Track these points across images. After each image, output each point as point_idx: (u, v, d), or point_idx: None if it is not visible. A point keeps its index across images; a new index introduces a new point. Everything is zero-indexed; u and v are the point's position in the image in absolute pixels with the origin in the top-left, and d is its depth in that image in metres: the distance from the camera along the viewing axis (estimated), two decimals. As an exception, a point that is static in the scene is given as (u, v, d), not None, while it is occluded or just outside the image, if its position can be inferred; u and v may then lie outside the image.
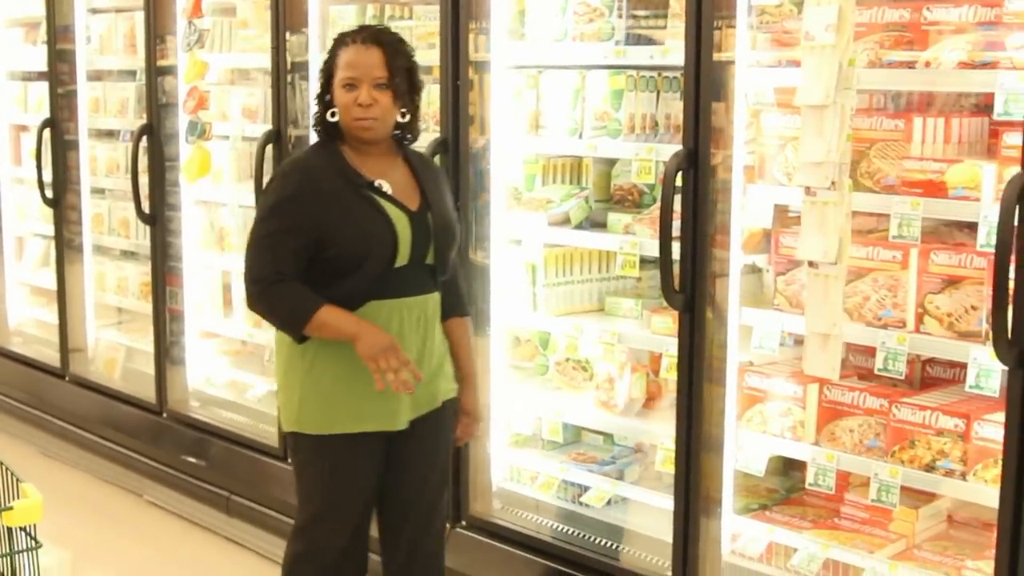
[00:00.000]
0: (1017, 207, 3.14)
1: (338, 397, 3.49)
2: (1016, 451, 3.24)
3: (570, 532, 4.39)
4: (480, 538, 4.57)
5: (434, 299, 3.59)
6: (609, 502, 4.39)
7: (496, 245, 4.52)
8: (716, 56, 3.74)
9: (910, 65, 3.56)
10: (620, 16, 4.24)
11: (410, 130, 3.60)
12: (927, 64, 3.53)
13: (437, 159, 4.43)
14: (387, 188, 3.48)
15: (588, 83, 4.35)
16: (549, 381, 4.68)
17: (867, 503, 3.79)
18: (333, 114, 3.48)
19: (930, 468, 3.60)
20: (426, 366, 3.54)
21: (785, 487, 4.24)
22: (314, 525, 3.63)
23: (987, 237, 3.28)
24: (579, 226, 4.47)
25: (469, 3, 4.39)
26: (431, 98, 4.46)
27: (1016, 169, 3.18)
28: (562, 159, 4.68)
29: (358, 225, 3.40)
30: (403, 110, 3.50)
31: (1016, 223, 3.15)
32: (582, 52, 4.33)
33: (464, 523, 4.62)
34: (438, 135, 4.51)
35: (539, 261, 4.50)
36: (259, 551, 5.35)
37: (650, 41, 4.17)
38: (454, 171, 4.43)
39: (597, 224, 4.50)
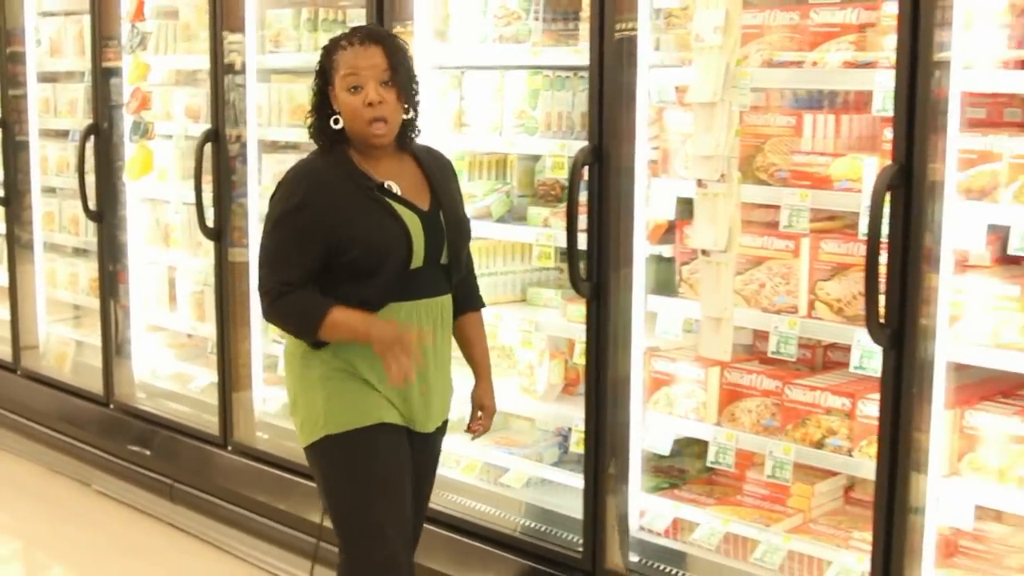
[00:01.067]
0: (889, 197, 3.34)
1: (364, 388, 3.40)
2: (890, 426, 3.45)
3: (492, 512, 4.57)
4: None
5: (448, 301, 3.52)
6: (528, 483, 4.58)
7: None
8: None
9: (799, 64, 3.77)
10: (537, 19, 4.45)
11: (412, 126, 3.51)
12: (814, 64, 3.74)
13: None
14: (397, 189, 3.40)
15: (508, 83, 4.55)
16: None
17: (766, 480, 3.99)
18: (336, 121, 3.39)
19: (820, 445, 3.81)
20: (437, 371, 3.51)
21: (696, 468, 4.44)
22: (360, 536, 3.44)
23: (868, 226, 3.47)
24: (501, 220, 4.67)
25: (393, 6, 4.57)
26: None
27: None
28: (488, 156, 4.88)
29: (372, 230, 3.31)
30: (406, 106, 3.42)
31: (889, 213, 3.35)
32: (502, 53, 4.54)
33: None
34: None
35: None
36: (202, 537, 5.53)
37: (565, 43, 4.37)
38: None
39: (519, 218, 4.70)
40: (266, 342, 5.53)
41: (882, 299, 3.39)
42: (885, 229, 3.36)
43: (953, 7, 3.30)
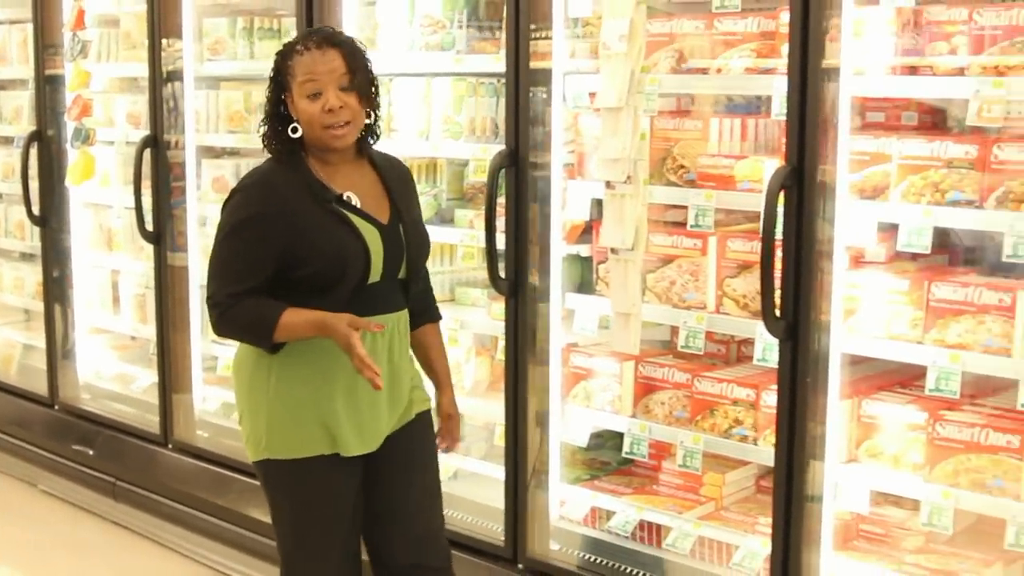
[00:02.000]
0: (783, 197, 3.51)
1: (309, 416, 3.29)
2: (787, 416, 3.63)
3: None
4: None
5: (404, 316, 3.44)
6: (456, 475, 4.73)
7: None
8: (534, 64, 4.10)
9: (704, 71, 3.94)
10: (460, 27, 4.60)
11: (372, 131, 3.43)
12: (719, 70, 3.92)
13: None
14: (356, 201, 3.31)
15: (434, 89, 4.71)
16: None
17: (680, 470, 4.16)
18: (295, 129, 3.28)
19: (727, 435, 3.98)
20: (398, 386, 3.43)
21: (618, 459, 4.59)
22: (300, 559, 3.43)
23: (762, 224, 3.64)
24: (429, 222, 4.77)
25: (323, 15, 4.72)
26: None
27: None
28: (418, 160, 5.02)
29: (329, 244, 3.21)
30: (367, 110, 3.34)
31: (783, 212, 3.53)
32: (427, 60, 4.68)
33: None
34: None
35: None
36: (143, 533, 5.66)
37: (487, 50, 4.52)
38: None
39: (448, 220, 4.85)
40: (206, 343, 5.67)
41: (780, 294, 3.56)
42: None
43: (842, 16, 3.48)
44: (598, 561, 4.19)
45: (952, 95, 3.58)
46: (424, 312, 3.60)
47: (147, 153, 5.52)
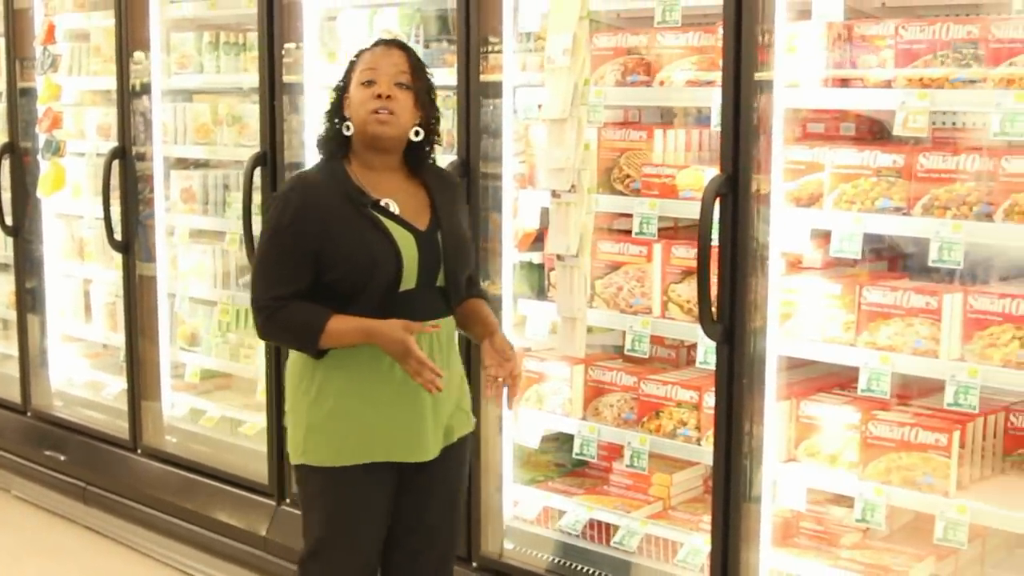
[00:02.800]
0: (718, 205, 3.65)
1: (347, 425, 3.33)
2: (725, 415, 3.76)
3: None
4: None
5: (448, 324, 3.42)
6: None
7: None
8: (485, 77, 4.23)
9: (648, 84, 4.07)
10: (418, 41, 4.72)
11: (424, 149, 3.44)
12: (661, 83, 4.05)
13: (257, 173, 4.90)
14: (395, 208, 3.32)
15: (392, 101, 4.82)
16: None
17: (630, 471, 4.28)
18: (348, 127, 3.34)
19: (673, 436, 4.10)
20: (443, 397, 3.38)
21: (572, 462, 4.72)
22: (323, 557, 3.45)
23: (698, 231, 3.76)
24: (388, 230, 4.93)
25: (283, 28, 4.85)
26: (242, 114, 4.95)
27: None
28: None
29: (358, 247, 3.23)
30: (417, 128, 3.36)
31: (719, 219, 3.66)
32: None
33: (290, 501, 5.07)
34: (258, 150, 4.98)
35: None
36: (113, 537, 5.76)
37: (443, 64, 4.65)
38: (271, 182, 4.89)
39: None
40: (174, 350, 5.80)
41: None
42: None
43: (774, 31, 3.62)
44: (549, 559, 4.31)
45: (880, 107, 3.71)
46: (471, 295, 3.55)
47: (116, 165, 5.61)
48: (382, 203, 3.31)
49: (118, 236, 5.68)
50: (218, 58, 5.49)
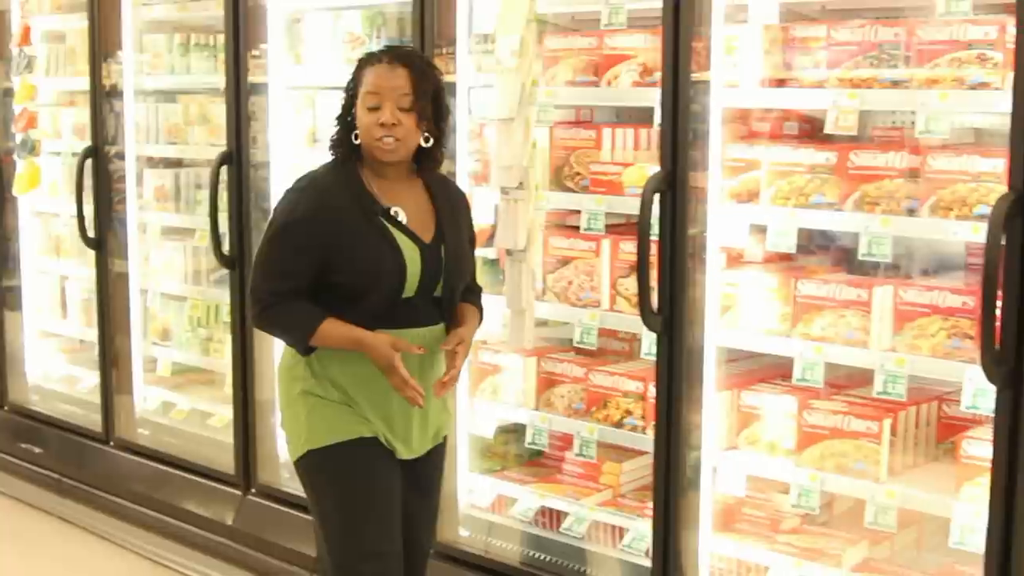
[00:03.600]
0: (658, 200, 3.78)
1: (346, 408, 3.37)
2: (665, 404, 3.89)
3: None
4: (270, 504, 5.14)
5: (439, 331, 3.43)
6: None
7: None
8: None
9: (596, 84, 4.21)
10: (379, 42, 4.86)
11: (432, 156, 3.45)
12: (608, 83, 4.18)
13: (224, 171, 5.03)
14: (402, 217, 3.35)
15: (355, 102, 4.96)
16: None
17: (581, 460, 4.41)
18: (357, 136, 3.35)
19: (620, 425, 4.24)
20: (429, 400, 3.41)
21: (530, 452, 4.85)
22: (354, 558, 3.39)
23: (638, 225, 3.89)
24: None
25: (248, 31, 4.98)
26: (213, 114, 5.09)
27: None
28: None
29: (367, 254, 3.27)
30: (426, 134, 3.37)
31: (659, 214, 3.80)
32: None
33: (254, 491, 5.20)
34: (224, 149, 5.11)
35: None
36: (86, 527, 5.88)
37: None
38: (237, 181, 5.03)
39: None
40: (146, 345, 5.94)
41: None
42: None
43: (712, 34, 3.75)
44: (502, 546, 4.44)
45: (813, 106, 3.84)
46: (465, 300, 3.56)
47: (89, 164, 5.74)
48: (392, 211, 3.33)
49: (91, 233, 5.80)
50: (188, 59, 5.62)
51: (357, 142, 3.35)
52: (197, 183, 5.73)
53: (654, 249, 3.84)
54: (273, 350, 5.17)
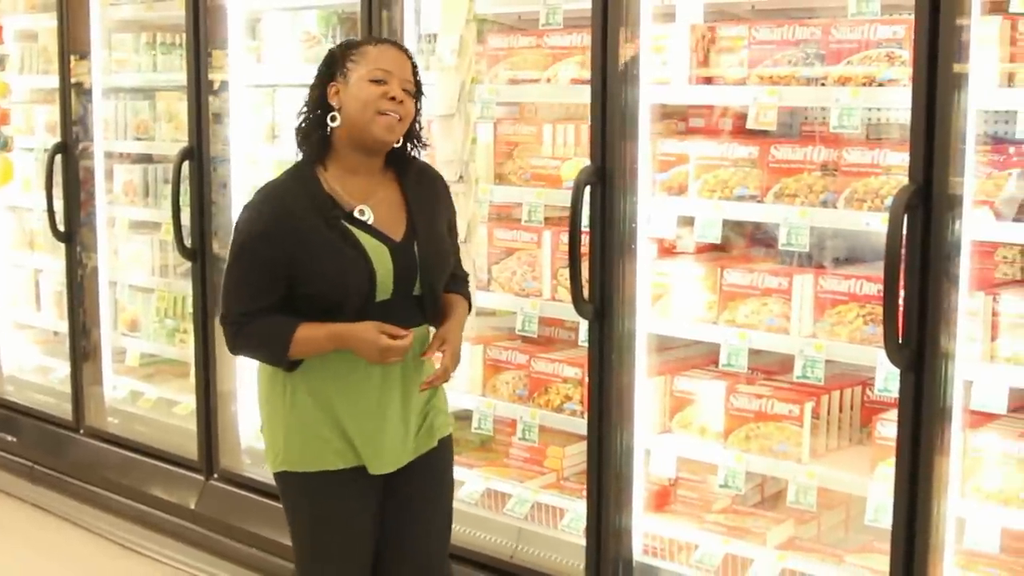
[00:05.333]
0: (588, 192, 3.94)
1: (324, 431, 3.24)
2: (597, 390, 4.05)
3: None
4: (232, 489, 5.31)
5: (423, 333, 3.34)
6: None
7: (238, 238, 5.28)
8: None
9: (536, 81, 4.37)
10: (334, 41, 5.02)
11: (403, 151, 3.35)
12: (548, 80, 4.34)
13: (186, 166, 5.20)
14: (368, 216, 3.22)
15: (312, 99, 5.12)
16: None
17: (526, 444, 4.57)
18: (333, 118, 3.19)
19: (560, 410, 4.40)
20: (415, 406, 3.35)
21: (481, 438, 5.00)
22: (320, 568, 3.37)
23: (569, 217, 4.05)
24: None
25: (208, 27, 5.14)
26: (179, 111, 5.26)
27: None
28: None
29: (330, 263, 3.14)
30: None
31: (590, 206, 3.96)
32: (307, 72, 5.08)
33: (217, 476, 5.36)
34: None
35: (277, 251, 5.27)
36: (57, 513, 6.04)
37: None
38: (198, 176, 5.19)
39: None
40: (116, 336, 6.11)
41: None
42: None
43: (640, 34, 3.91)
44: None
45: (736, 102, 4.01)
46: (449, 291, 3.46)
47: (59, 159, 5.91)
48: (356, 212, 3.20)
49: (61, 227, 5.96)
50: (155, 57, 5.78)
51: (334, 124, 3.18)
52: (165, 178, 5.88)
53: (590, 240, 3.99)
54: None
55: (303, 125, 3.28)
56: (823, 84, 3.71)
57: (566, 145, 4.48)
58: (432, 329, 3.38)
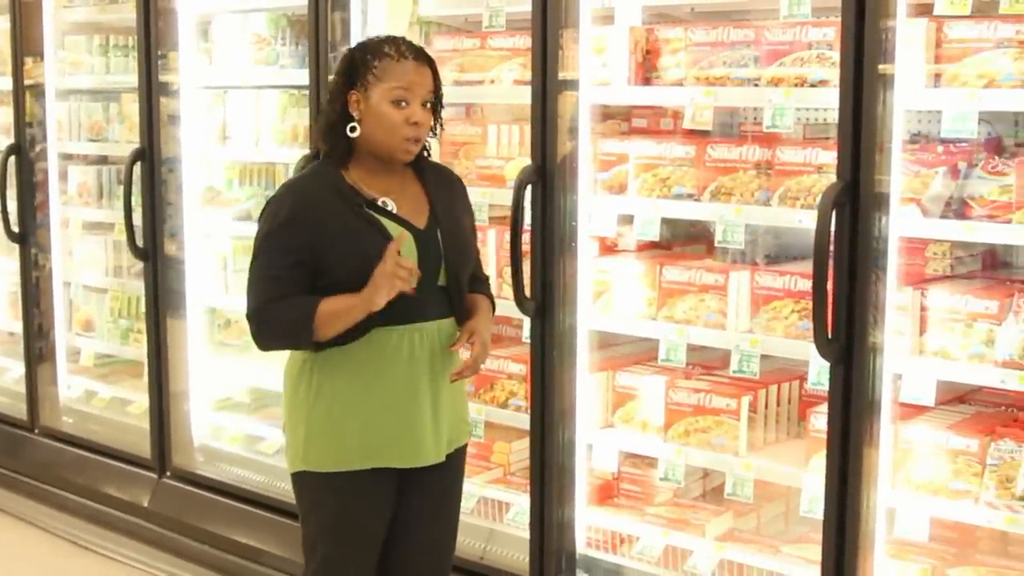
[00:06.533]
0: (529, 192, 4.01)
1: (348, 430, 3.21)
2: (539, 385, 4.13)
3: (256, 479, 5.19)
4: (184, 487, 5.36)
5: (449, 326, 3.30)
6: (282, 450, 5.18)
7: (190, 237, 5.34)
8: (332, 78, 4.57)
9: (480, 83, 4.44)
10: (284, 44, 5.09)
11: (427, 146, 3.33)
12: (492, 81, 4.41)
13: (137, 168, 5.25)
14: (392, 206, 3.21)
15: (262, 100, 5.19)
16: (252, 354, 5.47)
17: (473, 439, 4.62)
18: (353, 128, 3.19)
19: (505, 405, 4.47)
20: (445, 400, 3.31)
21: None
22: (334, 569, 3.34)
23: (510, 215, 4.12)
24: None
25: (159, 30, 5.20)
26: (129, 113, 5.31)
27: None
28: (256, 165, 5.51)
29: (357, 248, 3.11)
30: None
31: (531, 204, 4.03)
32: (256, 74, 5.17)
33: (169, 474, 5.41)
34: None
35: (229, 251, 5.33)
36: (13, 513, 6.05)
37: (304, 65, 5.00)
38: (150, 177, 5.24)
39: (281, 219, 5.32)
40: (70, 336, 6.15)
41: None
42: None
43: (579, 37, 3.99)
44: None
45: (674, 103, 4.09)
46: (473, 290, 3.44)
47: (13, 161, 5.95)
48: (379, 202, 3.20)
49: (15, 228, 5.99)
50: (108, 59, 5.83)
51: (354, 135, 3.18)
52: (119, 179, 5.91)
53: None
54: (186, 339, 5.40)
55: (324, 128, 3.26)
56: (757, 85, 3.78)
57: (511, 145, 4.55)
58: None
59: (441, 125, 3.32)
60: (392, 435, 3.23)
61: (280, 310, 3.13)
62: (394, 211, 3.20)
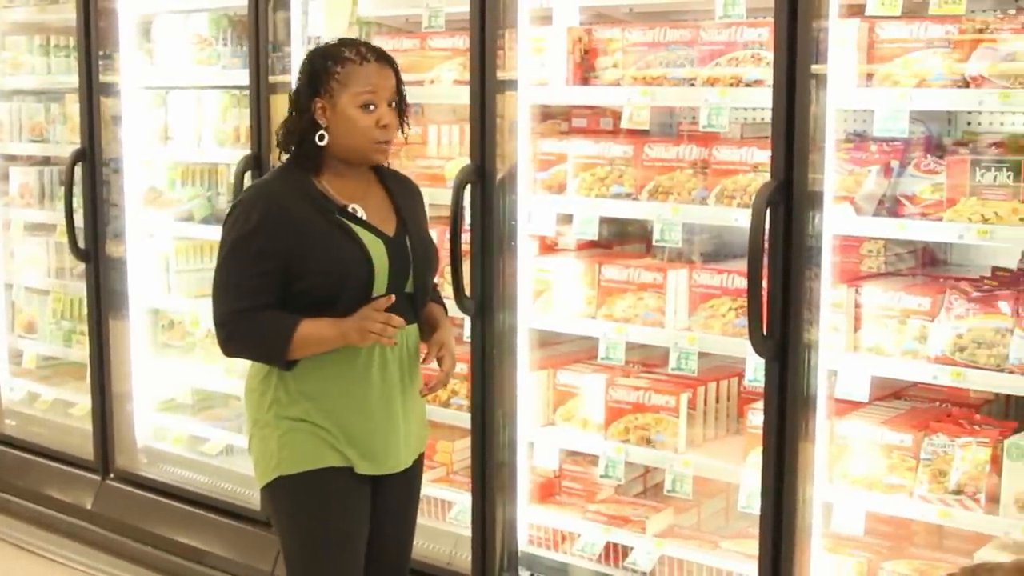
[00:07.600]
0: (468, 192, 4.03)
1: (326, 431, 3.17)
2: (480, 383, 4.14)
3: (200, 480, 5.18)
4: (127, 488, 5.34)
5: (414, 332, 3.30)
6: (226, 451, 5.20)
7: (132, 238, 5.32)
8: (274, 78, 4.58)
9: (420, 83, 4.45)
10: (225, 44, 5.08)
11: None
12: (432, 81, 4.43)
13: (78, 169, 5.22)
14: (361, 213, 3.19)
15: (204, 100, 5.18)
16: (195, 355, 5.47)
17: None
18: (321, 137, 3.15)
19: (447, 405, 4.48)
20: (412, 407, 3.32)
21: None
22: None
23: (450, 216, 4.13)
24: (204, 221, 5.28)
25: (99, 31, 5.18)
26: (71, 113, 5.29)
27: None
28: (198, 165, 5.48)
29: (329, 254, 3.09)
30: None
31: (470, 204, 4.05)
32: (198, 74, 5.15)
33: (113, 476, 5.39)
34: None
35: (171, 251, 5.32)
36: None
37: (246, 65, 4.99)
38: (91, 178, 5.22)
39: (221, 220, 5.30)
40: (12, 338, 6.12)
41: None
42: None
43: (518, 37, 4.01)
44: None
45: (612, 103, 4.11)
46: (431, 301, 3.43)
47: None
48: (349, 208, 3.17)
49: (-45, 229, 5.98)
50: (49, 60, 5.80)
51: (323, 143, 3.15)
52: (61, 180, 5.90)
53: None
54: (129, 340, 5.39)
55: (288, 133, 3.22)
56: (693, 85, 3.82)
57: (451, 145, 4.57)
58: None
59: (408, 124, 3.30)
60: (370, 442, 3.22)
61: (255, 325, 3.08)
62: (364, 218, 3.19)
